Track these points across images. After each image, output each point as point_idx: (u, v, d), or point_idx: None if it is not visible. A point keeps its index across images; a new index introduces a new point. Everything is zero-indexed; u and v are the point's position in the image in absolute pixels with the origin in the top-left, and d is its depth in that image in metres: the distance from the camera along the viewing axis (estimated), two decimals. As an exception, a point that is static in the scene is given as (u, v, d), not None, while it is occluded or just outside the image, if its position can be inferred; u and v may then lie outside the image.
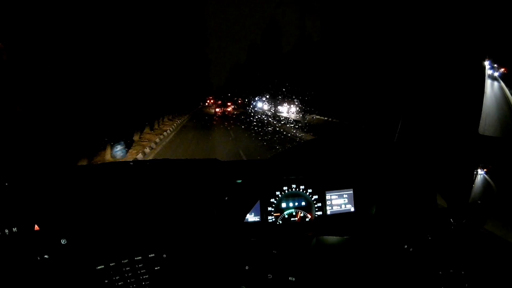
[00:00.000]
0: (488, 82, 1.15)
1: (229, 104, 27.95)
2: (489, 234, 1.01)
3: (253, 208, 1.11)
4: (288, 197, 1.18)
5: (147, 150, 7.83)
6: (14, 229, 0.85)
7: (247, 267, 0.82)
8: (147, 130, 11.20)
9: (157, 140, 9.68)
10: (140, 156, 7.02)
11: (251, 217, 1.15)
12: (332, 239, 0.88)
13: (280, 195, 1.17)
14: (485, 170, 1.17)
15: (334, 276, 0.81)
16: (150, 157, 6.67)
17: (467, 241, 0.77)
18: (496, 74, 1.16)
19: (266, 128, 12.82)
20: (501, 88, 1.25)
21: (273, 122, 16.14)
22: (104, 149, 6.37)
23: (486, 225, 1.17)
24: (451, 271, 0.74)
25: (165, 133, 11.43)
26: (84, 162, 5.19)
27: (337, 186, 1.22)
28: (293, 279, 0.81)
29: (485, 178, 1.17)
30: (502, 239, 1.02)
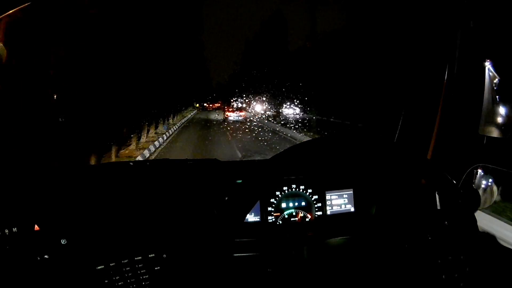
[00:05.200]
0: (488, 81, 1.15)
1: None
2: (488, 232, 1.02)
3: (253, 208, 1.11)
4: (288, 197, 1.18)
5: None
6: (14, 229, 0.85)
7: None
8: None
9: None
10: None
11: (251, 217, 1.15)
12: (331, 241, 0.88)
13: (280, 195, 1.17)
14: (485, 170, 1.17)
15: (333, 277, 0.81)
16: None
17: (465, 239, 0.77)
18: (495, 73, 1.16)
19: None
20: (501, 87, 1.25)
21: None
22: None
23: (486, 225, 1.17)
24: (450, 257, 0.74)
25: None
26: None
27: (337, 186, 1.22)
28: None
29: (485, 178, 1.18)
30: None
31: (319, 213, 1.19)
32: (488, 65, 1.11)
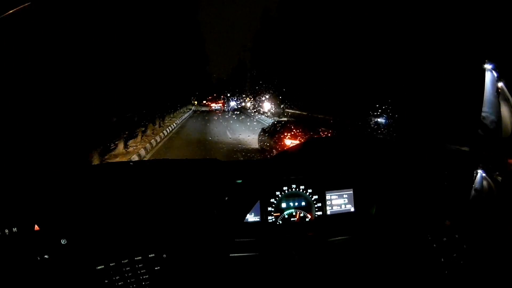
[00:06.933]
0: (487, 81, 1.15)
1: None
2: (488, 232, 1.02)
3: (253, 208, 1.11)
4: (288, 197, 1.18)
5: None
6: (14, 229, 0.85)
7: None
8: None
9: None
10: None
11: (251, 217, 1.15)
12: (331, 241, 0.88)
13: (280, 195, 1.17)
14: (485, 170, 1.17)
15: (333, 276, 0.81)
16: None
17: (465, 238, 0.77)
18: (495, 73, 1.16)
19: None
20: (501, 87, 1.25)
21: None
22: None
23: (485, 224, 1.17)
24: (445, 239, 0.74)
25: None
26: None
27: (337, 186, 1.22)
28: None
29: (485, 178, 1.18)
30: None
31: (319, 213, 1.19)
32: (488, 66, 1.11)
